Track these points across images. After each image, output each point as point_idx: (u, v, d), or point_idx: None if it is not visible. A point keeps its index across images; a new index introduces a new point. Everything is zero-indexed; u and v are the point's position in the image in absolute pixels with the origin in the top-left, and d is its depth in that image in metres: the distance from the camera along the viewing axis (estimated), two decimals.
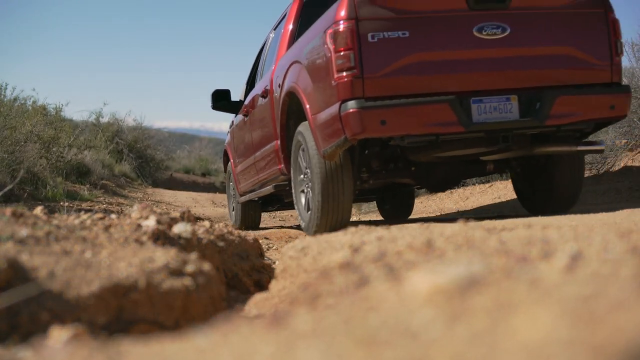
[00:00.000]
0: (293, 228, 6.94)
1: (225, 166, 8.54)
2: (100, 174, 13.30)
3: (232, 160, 7.85)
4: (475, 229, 2.10)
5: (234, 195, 8.07)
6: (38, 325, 1.43)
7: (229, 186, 8.39)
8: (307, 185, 5.00)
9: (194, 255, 1.93)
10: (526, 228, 2.20)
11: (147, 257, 1.80)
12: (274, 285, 2.30)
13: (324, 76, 4.48)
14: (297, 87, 4.95)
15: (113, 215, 2.40)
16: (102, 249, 1.86)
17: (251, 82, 7.32)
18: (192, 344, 0.97)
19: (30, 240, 1.77)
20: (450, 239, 1.93)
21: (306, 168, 4.99)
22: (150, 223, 2.21)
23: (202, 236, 2.43)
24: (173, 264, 1.78)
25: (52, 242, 1.82)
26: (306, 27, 5.28)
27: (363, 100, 4.24)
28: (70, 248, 1.80)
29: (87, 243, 1.90)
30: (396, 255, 1.81)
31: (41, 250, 1.72)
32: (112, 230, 2.11)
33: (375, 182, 5.30)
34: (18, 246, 1.69)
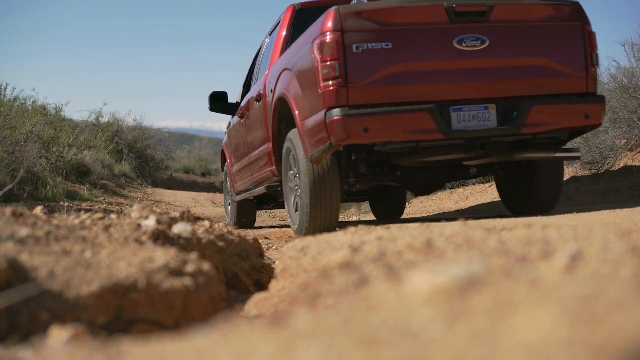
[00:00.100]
0: None
1: (222, 166, 8.80)
2: (100, 174, 13.31)
3: (229, 160, 8.08)
4: (475, 229, 2.10)
5: (230, 194, 8.33)
6: (38, 325, 1.43)
7: (226, 185, 8.64)
8: (297, 189, 5.18)
9: (194, 255, 1.93)
10: (526, 228, 2.20)
11: (147, 257, 1.80)
12: (274, 285, 2.30)
13: (311, 84, 4.68)
14: (287, 93, 5.17)
15: (113, 215, 2.40)
16: (102, 249, 1.86)
17: (247, 85, 7.56)
18: (192, 344, 0.97)
19: (30, 240, 1.77)
20: (450, 239, 1.93)
21: (296, 174, 5.18)
22: (150, 223, 2.21)
23: (202, 236, 2.44)
24: (173, 264, 1.78)
25: (52, 242, 1.82)
26: (299, 33, 5.47)
27: (347, 108, 4.43)
28: (70, 248, 1.80)
29: (87, 243, 1.90)
30: (396, 255, 1.81)
31: (41, 250, 1.72)
32: (112, 230, 2.11)
33: (362, 185, 5.51)
34: (18, 246, 1.69)
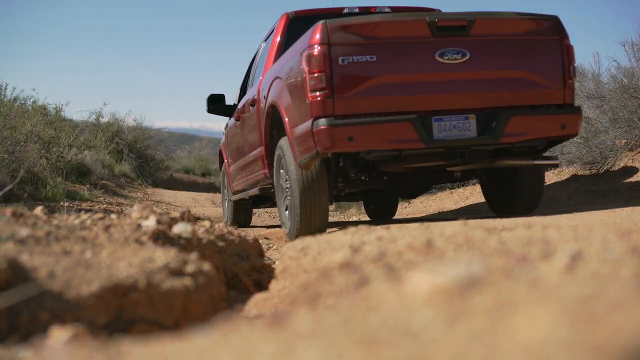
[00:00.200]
0: None
1: (220, 165, 8.96)
2: (100, 174, 13.31)
3: (226, 160, 8.25)
4: (475, 229, 2.10)
5: (227, 193, 8.51)
6: (38, 325, 1.43)
7: (223, 185, 8.82)
8: (288, 193, 5.35)
9: (194, 255, 1.93)
10: (526, 228, 2.20)
11: (147, 257, 1.80)
12: (274, 285, 2.30)
13: (300, 94, 4.88)
14: (278, 101, 5.36)
15: (113, 215, 2.40)
16: (102, 249, 1.86)
17: (244, 87, 7.72)
18: (192, 344, 0.97)
19: (30, 240, 1.77)
20: (450, 239, 1.93)
21: (286, 178, 5.34)
22: (150, 223, 2.21)
23: (202, 236, 2.44)
24: (173, 264, 1.78)
25: (52, 242, 1.82)
26: (292, 40, 5.64)
27: (333, 118, 4.63)
28: (70, 248, 1.80)
29: (87, 243, 1.90)
30: (396, 255, 1.81)
31: (41, 250, 1.72)
32: (112, 230, 2.11)
33: (351, 190, 5.69)
34: (18, 246, 1.69)
